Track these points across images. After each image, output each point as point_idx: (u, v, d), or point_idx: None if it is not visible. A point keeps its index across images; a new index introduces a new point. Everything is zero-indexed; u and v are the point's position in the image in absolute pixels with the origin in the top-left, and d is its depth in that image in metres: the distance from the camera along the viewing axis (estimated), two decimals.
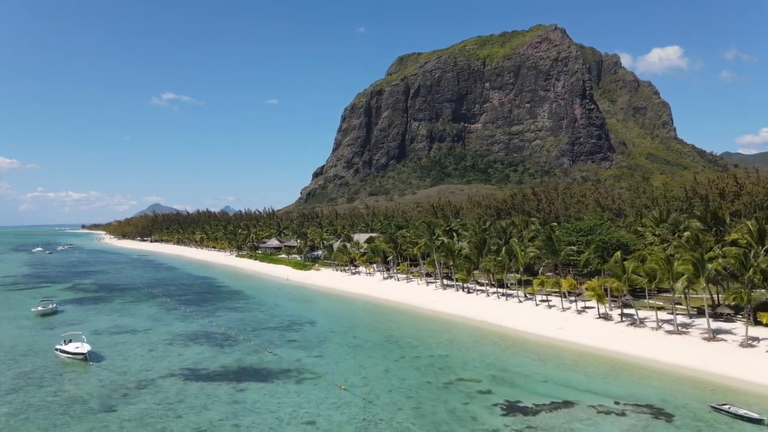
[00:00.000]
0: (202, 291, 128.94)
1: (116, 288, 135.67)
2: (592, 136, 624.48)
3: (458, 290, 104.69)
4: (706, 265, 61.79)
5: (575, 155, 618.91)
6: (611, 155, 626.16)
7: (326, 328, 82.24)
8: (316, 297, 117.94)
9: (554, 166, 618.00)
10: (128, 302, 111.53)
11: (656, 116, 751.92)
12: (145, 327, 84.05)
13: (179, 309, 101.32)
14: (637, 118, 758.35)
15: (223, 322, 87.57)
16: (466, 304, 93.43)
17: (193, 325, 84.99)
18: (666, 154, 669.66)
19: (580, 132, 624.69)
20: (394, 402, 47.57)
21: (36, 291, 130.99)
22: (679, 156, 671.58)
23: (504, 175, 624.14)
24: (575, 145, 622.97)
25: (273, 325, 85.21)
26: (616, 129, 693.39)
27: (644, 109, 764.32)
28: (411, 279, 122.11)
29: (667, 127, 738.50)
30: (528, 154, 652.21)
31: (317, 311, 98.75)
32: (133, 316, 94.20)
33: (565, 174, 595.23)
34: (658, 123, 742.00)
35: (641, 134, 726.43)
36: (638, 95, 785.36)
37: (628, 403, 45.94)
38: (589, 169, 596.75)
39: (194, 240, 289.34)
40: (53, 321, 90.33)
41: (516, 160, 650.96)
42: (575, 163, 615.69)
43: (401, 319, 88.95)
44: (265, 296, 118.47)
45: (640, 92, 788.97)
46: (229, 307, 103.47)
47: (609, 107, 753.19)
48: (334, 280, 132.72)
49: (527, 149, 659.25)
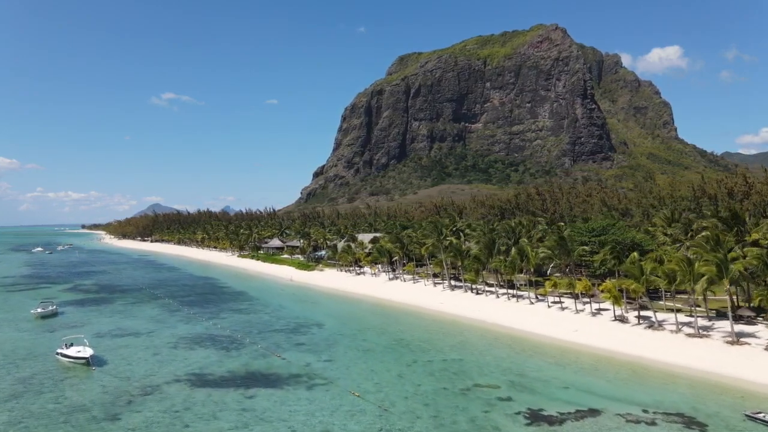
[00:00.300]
0: (204, 292, 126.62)
1: (117, 289, 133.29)
2: (593, 136, 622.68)
3: (467, 291, 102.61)
4: (729, 266, 59.75)
5: (576, 155, 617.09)
6: (612, 155, 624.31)
7: (334, 330, 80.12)
8: (321, 298, 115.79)
9: (555, 165, 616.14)
10: (130, 303, 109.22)
11: (657, 116, 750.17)
12: (148, 329, 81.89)
13: (182, 310, 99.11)
14: (637, 118, 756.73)
15: (227, 324, 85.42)
16: (476, 305, 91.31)
17: (198, 328, 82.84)
18: (667, 154, 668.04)
19: (581, 132, 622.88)
20: (411, 410, 45.47)
21: (36, 292, 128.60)
22: (680, 156, 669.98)
23: (505, 175, 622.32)
24: (576, 144, 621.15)
25: (279, 327, 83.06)
26: (617, 129, 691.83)
27: (645, 109, 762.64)
28: (417, 280, 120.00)
29: (668, 127, 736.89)
30: (529, 154, 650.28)
31: (324, 313, 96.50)
32: (136, 318, 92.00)
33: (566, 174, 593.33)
34: (659, 123, 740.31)
35: (642, 134, 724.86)
36: (639, 95, 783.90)
37: (657, 411, 43.85)
38: (590, 169, 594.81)
39: (195, 240, 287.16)
40: (54, 323, 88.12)
41: (517, 160, 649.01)
42: (576, 162, 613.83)
43: (410, 321, 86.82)
44: (269, 297, 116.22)
45: (640, 92, 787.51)
46: (233, 309, 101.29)
47: (610, 107, 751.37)
48: (338, 281, 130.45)
49: (528, 149, 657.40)
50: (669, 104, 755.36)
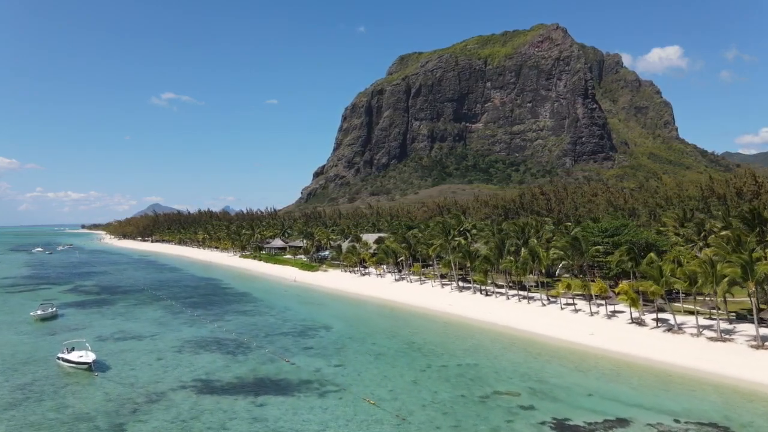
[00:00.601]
0: (208, 293, 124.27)
1: (119, 290, 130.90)
2: (594, 136, 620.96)
3: (475, 293, 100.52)
4: (755, 267, 57.73)
5: (577, 155, 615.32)
6: (613, 155, 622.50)
7: (342, 333, 78.00)
8: (326, 299, 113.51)
9: (556, 165, 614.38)
10: (132, 305, 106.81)
11: (658, 116, 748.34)
12: (151, 332, 79.71)
13: (186, 312, 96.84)
14: (638, 117, 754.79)
15: (233, 327, 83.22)
16: (486, 307, 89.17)
17: (202, 331, 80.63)
18: (668, 154, 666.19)
19: (582, 131, 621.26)
20: (431, 419, 43.36)
21: (36, 293, 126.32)
22: (681, 156, 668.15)
23: (506, 175, 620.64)
24: (577, 144, 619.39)
25: (286, 330, 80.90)
26: (618, 129, 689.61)
27: (646, 109, 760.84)
28: (424, 281, 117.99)
29: (669, 127, 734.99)
30: (530, 154, 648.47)
31: (330, 315, 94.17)
32: (139, 321, 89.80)
33: (568, 174, 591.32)
34: (659, 123, 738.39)
35: (643, 134, 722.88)
36: (640, 95, 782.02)
37: (689, 420, 41.77)
38: (592, 168, 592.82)
39: (196, 240, 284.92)
40: (54, 326, 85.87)
41: (518, 159, 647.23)
42: (577, 162, 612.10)
43: (420, 324, 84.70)
44: (273, 299, 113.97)
45: (641, 92, 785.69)
46: (237, 311, 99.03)
47: (610, 107, 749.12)
48: (343, 282, 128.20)
49: (529, 149, 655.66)
50: (670, 104, 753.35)
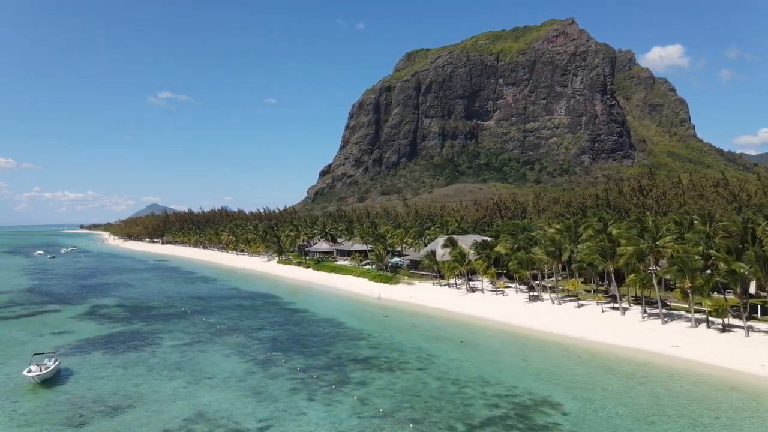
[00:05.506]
0: (282, 321, 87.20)
1: (153, 314, 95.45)
2: (613, 133, 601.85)
3: (708, 327, 69.46)
4: None
5: (596, 153, 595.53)
6: (633, 153, 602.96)
7: (578, 416, 45.31)
8: (468, 334, 74.90)
9: (574, 164, 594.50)
10: (186, 345, 69.13)
11: (673, 114, 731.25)
12: (255, 416, 43.32)
13: (277, 363, 59.84)
14: (653, 115, 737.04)
15: (379, 401, 46.54)
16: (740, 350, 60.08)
17: (340, 412, 44.00)
18: (687, 152, 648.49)
19: (600, 129, 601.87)
20: None
21: (39, 318, 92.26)
22: (700, 154, 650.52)
23: (521, 174, 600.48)
24: (596, 142, 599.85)
25: (481, 409, 44.50)
26: (633, 127, 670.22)
27: (660, 107, 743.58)
28: (581, 302, 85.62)
29: (686, 125, 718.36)
30: (545, 152, 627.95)
31: (516, 368, 57.21)
32: (214, 382, 52.63)
33: (587, 172, 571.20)
34: (675, 120, 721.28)
35: (659, 132, 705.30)
36: (654, 92, 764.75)
37: None
38: (611, 167, 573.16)
39: (218, 242, 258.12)
40: (66, 399, 47.69)
41: (532, 158, 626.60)
42: (596, 161, 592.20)
43: (654, 384, 54.03)
44: (383, 331, 76.88)
45: (655, 89, 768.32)
46: (354, 359, 61.45)
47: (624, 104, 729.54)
48: (450, 300, 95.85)
49: (543, 147, 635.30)
50: (685, 101, 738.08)
